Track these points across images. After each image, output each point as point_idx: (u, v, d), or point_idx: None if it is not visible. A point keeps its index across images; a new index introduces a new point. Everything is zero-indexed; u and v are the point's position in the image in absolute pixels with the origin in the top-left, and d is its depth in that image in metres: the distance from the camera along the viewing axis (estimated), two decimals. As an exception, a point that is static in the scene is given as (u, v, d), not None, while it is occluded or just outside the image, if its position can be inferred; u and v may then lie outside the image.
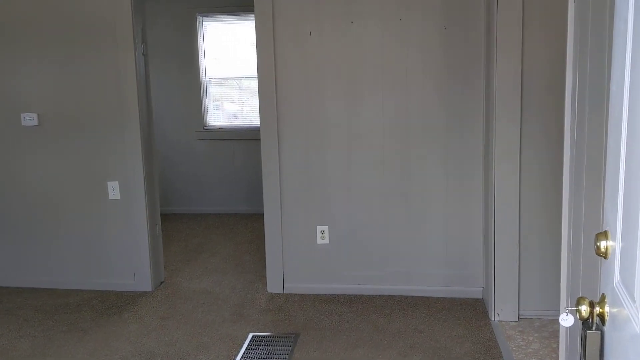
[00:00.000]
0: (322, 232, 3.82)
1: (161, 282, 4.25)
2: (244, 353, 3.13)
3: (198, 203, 6.48)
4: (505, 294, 3.41)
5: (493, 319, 3.44)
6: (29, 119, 3.97)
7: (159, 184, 6.46)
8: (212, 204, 6.46)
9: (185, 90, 6.28)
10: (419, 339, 3.24)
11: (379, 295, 3.86)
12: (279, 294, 3.94)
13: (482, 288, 3.78)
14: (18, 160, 4.06)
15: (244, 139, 6.27)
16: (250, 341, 3.26)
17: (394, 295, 3.85)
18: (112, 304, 3.84)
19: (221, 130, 6.32)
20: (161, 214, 6.63)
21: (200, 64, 6.19)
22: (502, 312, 3.43)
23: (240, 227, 5.79)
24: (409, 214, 3.76)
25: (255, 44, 3.70)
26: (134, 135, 3.90)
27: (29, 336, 3.37)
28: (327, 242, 3.83)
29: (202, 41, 6.19)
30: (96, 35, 3.82)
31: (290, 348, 3.16)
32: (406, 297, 3.83)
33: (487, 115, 3.51)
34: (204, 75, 6.27)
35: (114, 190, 4.00)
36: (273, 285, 3.96)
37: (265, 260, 4.00)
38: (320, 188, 3.80)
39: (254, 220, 6.00)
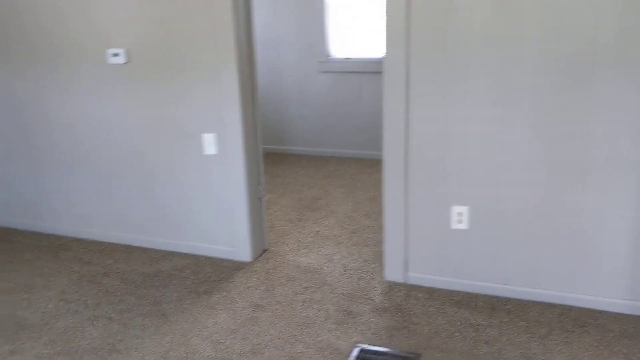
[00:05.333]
0: (460, 214, 2.89)
1: (264, 250, 3.63)
2: (345, 378, 2.41)
3: (319, 144, 5.76)
4: None
5: None
6: (116, 56, 3.39)
7: (262, 136, 5.82)
8: (334, 146, 5.70)
9: (305, 17, 5.41)
10: (589, 384, 2.30)
11: (533, 302, 2.90)
12: (400, 284, 3.14)
13: (686, 307, 2.69)
14: (104, 103, 3.54)
15: (373, 72, 5.33)
16: (355, 358, 2.53)
17: (554, 304, 2.88)
18: (205, 278, 3.29)
19: (347, 61, 5.42)
20: (279, 154, 6.06)
21: (324, -18, 5.25)
22: None
23: (364, 178, 4.99)
24: (585, 193, 2.68)
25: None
26: (230, 76, 3.17)
27: (104, 318, 2.91)
28: (466, 227, 2.91)
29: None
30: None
31: (406, 377, 2.38)
32: (570, 308, 2.84)
33: None
34: (328, -5, 5.34)
35: (209, 143, 3.36)
36: (392, 272, 3.16)
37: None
38: (460, 156, 2.83)
39: (381, 170, 5.16)
